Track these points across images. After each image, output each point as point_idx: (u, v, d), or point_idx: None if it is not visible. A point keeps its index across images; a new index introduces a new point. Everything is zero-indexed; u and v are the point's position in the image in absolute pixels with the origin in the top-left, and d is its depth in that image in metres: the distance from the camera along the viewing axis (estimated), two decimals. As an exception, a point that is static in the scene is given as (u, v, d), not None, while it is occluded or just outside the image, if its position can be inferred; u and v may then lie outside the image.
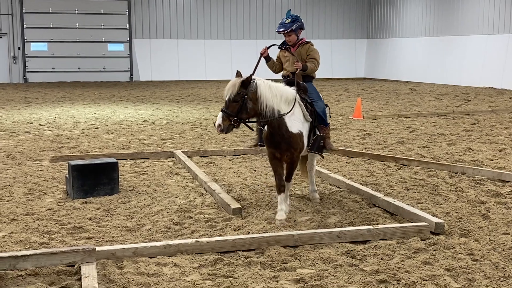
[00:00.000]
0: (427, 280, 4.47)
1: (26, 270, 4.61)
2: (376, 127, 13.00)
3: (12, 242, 5.39)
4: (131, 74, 29.81)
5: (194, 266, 4.78)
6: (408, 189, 7.35)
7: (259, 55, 6.35)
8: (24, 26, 28.26)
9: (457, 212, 6.28)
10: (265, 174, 8.24)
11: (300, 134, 5.94)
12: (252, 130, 6.36)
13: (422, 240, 5.39)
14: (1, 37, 28.20)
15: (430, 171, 8.36)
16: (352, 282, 4.46)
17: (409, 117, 14.62)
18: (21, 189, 7.47)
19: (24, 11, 28.14)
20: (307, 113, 6.07)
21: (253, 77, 5.71)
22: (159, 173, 8.40)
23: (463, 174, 8.10)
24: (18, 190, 7.41)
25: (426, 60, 28.38)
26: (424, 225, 5.57)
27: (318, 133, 6.23)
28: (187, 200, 6.92)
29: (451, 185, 7.51)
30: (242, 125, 5.91)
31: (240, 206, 6.32)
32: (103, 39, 29.34)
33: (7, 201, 6.90)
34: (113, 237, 5.58)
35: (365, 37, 33.31)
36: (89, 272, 4.44)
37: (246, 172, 8.43)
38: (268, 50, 6.42)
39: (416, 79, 28.63)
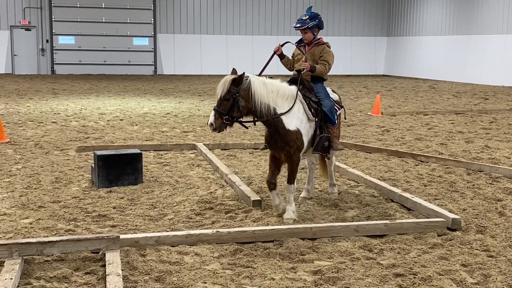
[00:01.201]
0: (443, 275, 4.51)
1: (52, 255, 4.72)
2: (395, 123, 13.00)
3: (39, 229, 5.53)
4: (155, 68, 30.09)
5: (215, 256, 4.87)
6: (425, 185, 7.37)
7: (272, 52, 6.20)
8: (53, 19, 28.69)
9: (473, 209, 6.31)
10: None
11: (298, 132, 5.71)
12: (247, 128, 6.21)
13: (438, 235, 5.42)
14: (30, 30, 28.68)
15: (447, 168, 8.37)
16: (369, 275, 4.51)
17: (427, 114, 14.58)
18: (48, 177, 7.64)
19: (52, 4, 28.57)
20: (309, 112, 5.86)
21: (246, 74, 5.58)
22: (181, 165, 8.53)
23: (480, 171, 8.11)
24: (45, 178, 7.59)
25: (446, 59, 28.23)
26: (441, 221, 5.60)
27: (324, 133, 6.00)
28: (208, 191, 7.04)
29: (468, 182, 7.53)
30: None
31: (259, 198, 6.41)
32: (128, 33, 29.66)
33: (35, 188, 7.07)
34: (136, 225, 5.69)
35: (385, 34, 33.24)
36: (113, 259, 4.53)
37: (266, 165, 8.50)
38: (282, 47, 6.24)
39: (435, 77, 28.52)
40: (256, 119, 5.73)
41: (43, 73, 28.88)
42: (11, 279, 4.16)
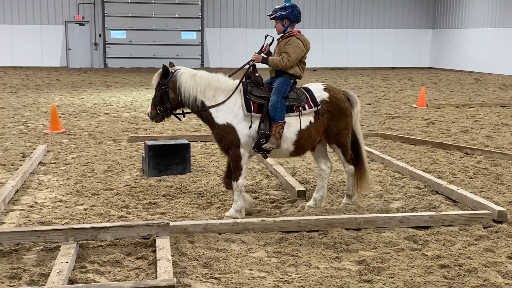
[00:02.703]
0: (488, 267, 4.49)
1: (105, 241, 4.90)
2: (440, 116, 12.82)
3: (93, 215, 5.75)
4: (202, 61, 30.43)
5: (260, 244, 4.96)
6: (471, 178, 7.29)
7: (259, 50, 5.89)
8: (105, 14, 29.39)
9: (520, 202, 6.22)
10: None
11: (227, 126, 5.54)
12: (180, 120, 6.10)
13: (484, 227, 5.38)
14: (83, 25, 29.48)
15: (493, 160, 8.25)
16: (414, 265, 4.51)
17: (473, 107, 14.30)
18: (102, 166, 7.91)
19: (105, 0, 29.25)
20: (244, 106, 5.58)
21: (178, 67, 5.70)
22: (228, 156, 8.67)
23: (527, 164, 7.97)
24: (98, 167, 7.85)
25: (491, 51, 27.58)
26: (486, 213, 5.55)
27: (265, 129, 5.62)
28: (253, 181, 7.14)
29: (515, 175, 7.41)
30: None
31: (304, 189, 6.48)
32: (177, 27, 30.08)
33: (89, 177, 7.34)
34: (185, 213, 5.84)
35: (430, 27, 32.76)
36: (163, 245, 4.68)
37: (310, 156, 8.45)
38: (270, 46, 5.93)
39: (480, 69, 27.95)
40: (184, 111, 5.82)
41: (96, 66, 29.61)
42: (67, 262, 4.34)
